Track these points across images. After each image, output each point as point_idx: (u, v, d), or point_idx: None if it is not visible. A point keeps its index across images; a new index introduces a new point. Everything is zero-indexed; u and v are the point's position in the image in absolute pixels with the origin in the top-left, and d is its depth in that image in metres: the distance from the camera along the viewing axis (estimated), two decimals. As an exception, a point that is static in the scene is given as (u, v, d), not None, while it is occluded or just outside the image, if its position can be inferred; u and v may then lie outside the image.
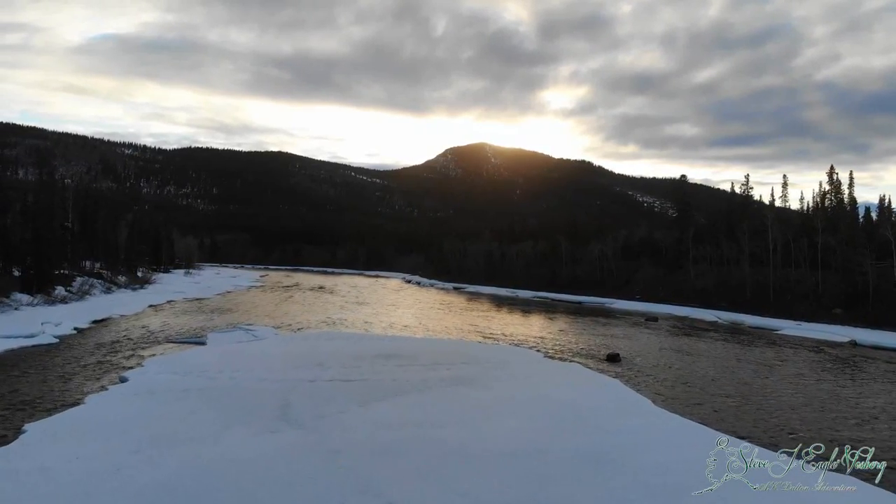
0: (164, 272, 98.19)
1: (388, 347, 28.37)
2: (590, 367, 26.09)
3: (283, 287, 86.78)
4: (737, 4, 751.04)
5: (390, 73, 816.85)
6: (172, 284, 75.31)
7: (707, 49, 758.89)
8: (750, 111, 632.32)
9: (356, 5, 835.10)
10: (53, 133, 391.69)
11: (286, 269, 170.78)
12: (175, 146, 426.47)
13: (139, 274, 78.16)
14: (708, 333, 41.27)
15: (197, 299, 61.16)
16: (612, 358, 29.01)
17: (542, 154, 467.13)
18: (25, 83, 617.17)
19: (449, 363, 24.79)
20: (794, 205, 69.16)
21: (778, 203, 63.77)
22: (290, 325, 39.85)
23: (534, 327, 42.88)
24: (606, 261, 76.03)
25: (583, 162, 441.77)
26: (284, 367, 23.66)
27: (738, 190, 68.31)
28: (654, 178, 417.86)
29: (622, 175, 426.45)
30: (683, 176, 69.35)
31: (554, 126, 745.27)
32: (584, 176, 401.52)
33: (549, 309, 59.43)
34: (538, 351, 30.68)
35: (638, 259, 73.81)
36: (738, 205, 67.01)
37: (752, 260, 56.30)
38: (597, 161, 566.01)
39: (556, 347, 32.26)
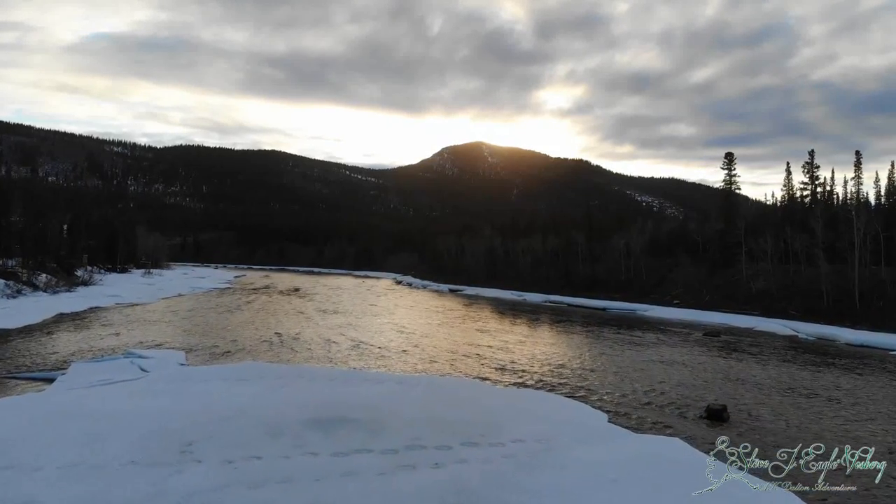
0: (119, 272, 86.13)
1: (337, 398, 16.47)
2: (694, 442, 14.24)
3: (251, 290, 74.69)
4: (734, 3, 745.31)
5: (386, 72, 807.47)
6: (115, 287, 63.21)
7: (704, 48, 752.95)
8: (746, 111, 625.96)
9: (351, 4, 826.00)
10: (40, 131, 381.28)
11: (269, 269, 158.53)
12: (168, 145, 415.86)
13: (78, 274, 66.03)
14: (806, 357, 29.40)
15: (132, 305, 49.31)
16: (716, 415, 17.12)
17: (539, 153, 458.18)
18: (19, 82, 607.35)
19: (440, 443, 12.93)
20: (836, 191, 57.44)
21: (850, 187, 51.89)
22: (214, 346, 27.90)
23: (559, 349, 30.97)
24: (633, 258, 63.95)
25: (580, 161, 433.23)
26: (112, 456, 11.90)
27: (795, 172, 56.29)
28: (651, 178, 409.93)
29: (619, 174, 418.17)
30: (730, 153, 57.48)
31: (550, 126, 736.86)
32: (581, 175, 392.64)
33: (567, 318, 47.55)
34: (582, 398, 18.84)
35: (670, 256, 61.85)
36: (797, 190, 55.02)
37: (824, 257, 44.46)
38: (593, 161, 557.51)
39: (610, 391, 20.34)
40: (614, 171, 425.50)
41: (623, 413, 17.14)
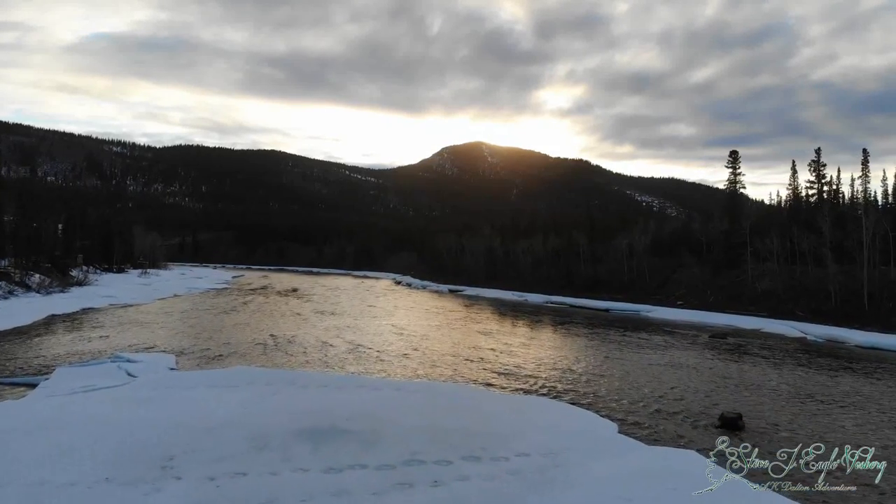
0: (116, 272, 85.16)
1: (330, 406, 15.57)
2: (708, 453, 13.30)
3: (248, 290, 73.76)
4: (734, 3, 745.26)
5: (385, 72, 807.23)
6: (110, 287, 62.25)
7: (703, 48, 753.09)
8: (746, 111, 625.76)
9: (351, 4, 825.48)
10: (39, 130, 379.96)
11: (268, 269, 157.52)
12: (167, 145, 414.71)
13: (73, 274, 65.12)
14: (820, 360, 28.48)
15: (125, 306, 48.43)
16: (731, 423, 16.24)
17: (538, 153, 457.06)
18: (19, 82, 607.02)
19: (439, 457, 12.04)
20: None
21: (858, 185, 50.81)
22: (206, 349, 27.00)
23: (563, 352, 30.07)
24: (636, 258, 62.98)
25: (580, 161, 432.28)
26: (85, 473, 11.15)
27: (801, 170, 55.11)
28: (651, 178, 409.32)
29: (619, 174, 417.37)
30: (734, 152, 56.44)
31: (550, 126, 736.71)
32: (581, 175, 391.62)
33: (569, 319, 46.66)
34: (588, 405, 17.96)
35: (674, 256, 60.89)
36: (803, 189, 53.94)
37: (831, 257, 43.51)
38: (593, 161, 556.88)
39: (618, 397, 19.44)
40: (614, 171, 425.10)
41: (633, 422, 16.23)
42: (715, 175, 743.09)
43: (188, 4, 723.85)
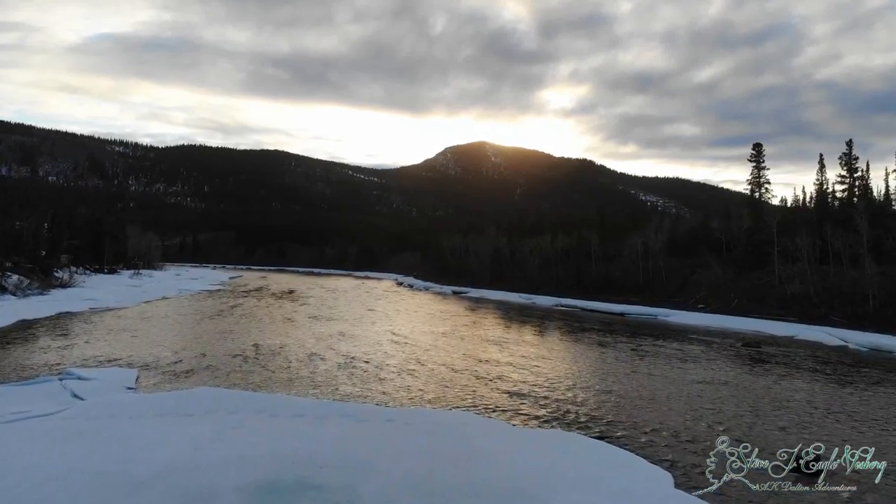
0: (107, 273, 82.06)
1: (302, 446, 12.19)
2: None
3: (242, 292, 70.49)
4: (738, 2, 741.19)
5: (388, 72, 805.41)
6: (96, 289, 59.12)
7: (707, 48, 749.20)
8: (750, 111, 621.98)
9: (354, 3, 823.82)
10: (41, 130, 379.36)
11: (268, 270, 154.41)
12: (170, 145, 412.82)
13: (58, 275, 62.00)
14: (889, 377, 25.05)
15: (106, 310, 45.23)
16: (805, 467, 12.86)
17: (542, 153, 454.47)
18: (21, 83, 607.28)
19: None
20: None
21: (892, 180, 47.21)
22: (177, 361, 23.69)
23: (584, 365, 26.68)
24: (652, 258, 59.43)
25: (584, 160, 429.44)
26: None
27: (830, 164, 51.61)
28: (655, 178, 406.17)
29: (624, 174, 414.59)
30: (758, 144, 53.04)
31: (554, 125, 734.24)
32: (585, 174, 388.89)
33: (584, 325, 43.30)
34: (625, 440, 14.63)
35: (691, 255, 57.34)
36: (832, 184, 50.34)
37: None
38: (597, 160, 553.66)
39: (658, 428, 16.07)
40: (618, 171, 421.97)
41: (686, 465, 12.85)
42: (719, 175, 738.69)
43: (191, 4, 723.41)
